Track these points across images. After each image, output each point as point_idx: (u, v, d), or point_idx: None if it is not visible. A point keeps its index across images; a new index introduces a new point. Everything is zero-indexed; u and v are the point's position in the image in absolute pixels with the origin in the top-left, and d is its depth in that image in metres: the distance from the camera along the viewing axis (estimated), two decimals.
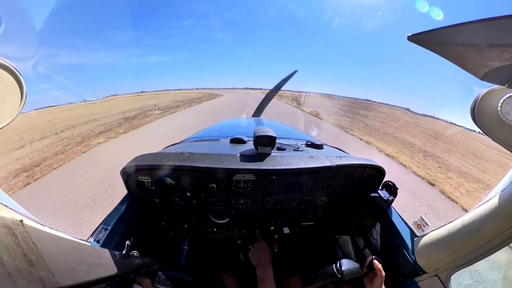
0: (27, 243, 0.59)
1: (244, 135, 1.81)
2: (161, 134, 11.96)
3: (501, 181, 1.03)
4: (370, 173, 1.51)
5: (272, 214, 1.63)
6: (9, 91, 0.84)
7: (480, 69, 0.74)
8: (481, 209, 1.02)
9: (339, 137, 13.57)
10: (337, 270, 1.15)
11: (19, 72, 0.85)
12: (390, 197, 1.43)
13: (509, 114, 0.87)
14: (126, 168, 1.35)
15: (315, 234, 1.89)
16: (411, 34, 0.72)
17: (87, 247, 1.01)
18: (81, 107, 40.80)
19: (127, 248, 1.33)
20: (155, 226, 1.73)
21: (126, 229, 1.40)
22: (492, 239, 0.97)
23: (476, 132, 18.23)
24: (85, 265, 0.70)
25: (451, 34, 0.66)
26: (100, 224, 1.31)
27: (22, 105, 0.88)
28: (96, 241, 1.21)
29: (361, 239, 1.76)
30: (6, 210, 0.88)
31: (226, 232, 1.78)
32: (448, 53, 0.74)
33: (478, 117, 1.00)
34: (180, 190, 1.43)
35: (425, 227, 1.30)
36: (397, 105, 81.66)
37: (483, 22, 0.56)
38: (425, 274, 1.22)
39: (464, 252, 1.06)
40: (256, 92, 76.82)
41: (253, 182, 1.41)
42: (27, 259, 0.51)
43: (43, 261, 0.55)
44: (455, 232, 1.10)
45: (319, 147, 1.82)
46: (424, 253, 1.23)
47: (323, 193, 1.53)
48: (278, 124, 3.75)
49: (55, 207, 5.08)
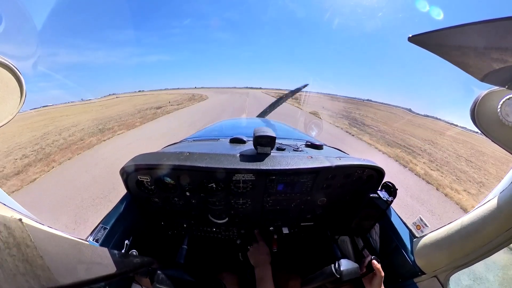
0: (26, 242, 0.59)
1: (243, 135, 1.81)
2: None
3: (500, 182, 1.03)
4: (369, 173, 1.51)
5: (271, 214, 1.63)
6: (8, 89, 0.84)
7: (480, 70, 0.74)
8: (480, 210, 1.02)
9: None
10: (336, 270, 1.15)
11: (19, 70, 0.85)
12: (389, 198, 1.43)
13: (509, 116, 0.87)
14: (125, 167, 1.35)
15: (314, 235, 1.89)
16: (412, 35, 0.72)
17: (86, 246, 1.01)
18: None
19: (126, 247, 1.33)
20: (155, 225, 1.73)
21: (126, 229, 1.40)
22: (491, 240, 0.97)
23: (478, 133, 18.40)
24: (84, 264, 0.70)
25: (452, 35, 0.66)
26: (99, 223, 1.31)
27: (21, 104, 0.88)
28: (95, 240, 1.21)
29: (360, 240, 1.76)
30: (5, 208, 0.88)
31: (226, 232, 1.78)
32: (448, 54, 0.74)
33: (477, 118, 1.00)
34: (179, 189, 1.43)
35: (424, 228, 1.31)
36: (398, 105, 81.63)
37: (483, 24, 0.56)
38: (424, 275, 1.22)
39: (463, 253, 1.06)
40: (256, 92, 73.07)
41: (252, 182, 1.41)
42: (26, 258, 0.51)
43: (42, 260, 0.54)
44: (454, 233, 1.10)
45: (319, 147, 1.82)
46: (423, 254, 1.24)
47: (322, 193, 1.53)
48: (278, 124, 3.75)
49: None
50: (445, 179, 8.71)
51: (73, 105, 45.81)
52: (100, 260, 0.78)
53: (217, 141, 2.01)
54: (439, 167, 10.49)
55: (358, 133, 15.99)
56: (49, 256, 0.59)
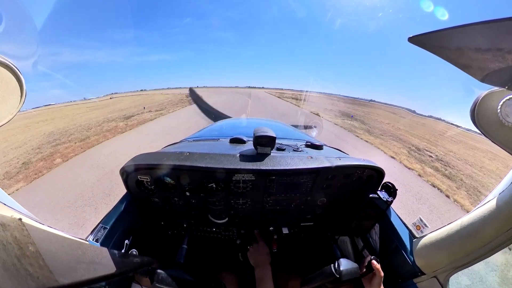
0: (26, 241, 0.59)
1: (244, 135, 1.81)
2: None
3: (500, 183, 1.03)
4: (369, 174, 1.51)
5: (271, 214, 1.63)
6: (9, 89, 0.84)
7: (480, 71, 0.74)
8: (480, 211, 1.02)
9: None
10: (335, 270, 1.15)
11: (19, 70, 0.85)
12: (389, 198, 1.43)
13: (508, 116, 0.87)
14: (125, 167, 1.35)
15: (314, 235, 1.89)
16: (412, 36, 0.72)
17: (86, 246, 1.01)
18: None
19: (126, 247, 1.33)
20: (154, 225, 1.73)
21: (125, 228, 1.40)
22: (491, 241, 0.97)
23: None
24: (84, 263, 0.70)
25: (451, 36, 0.66)
26: (99, 223, 1.31)
27: (21, 103, 0.88)
28: (95, 240, 1.21)
29: (360, 240, 1.76)
30: (5, 208, 0.88)
31: (225, 232, 1.78)
32: (448, 55, 0.74)
33: (477, 119, 1.00)
34: (179, 189, 1.43)
35: (424, 229, 1.31)
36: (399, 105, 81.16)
37: (482, 25, 0.56)
38: (424, 275, 1.22)
39: (463, 253, 1.06)
40: (259, 92, 68.78)
41: (252, 182, 1.41)
42: (25, 257, 0.51)
43: (41, 259, 0.55)
44: (454, 234, 1.10)
45: (319, 147, 1.82)
46: (423, 254, 1.24)
47: (322, 193, 1.53)
48: (278, 124, 3.75)
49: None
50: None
51: (59, 108, 38.35)
52: (100, 260, 0.78)
53: (217, 141, 2.01)
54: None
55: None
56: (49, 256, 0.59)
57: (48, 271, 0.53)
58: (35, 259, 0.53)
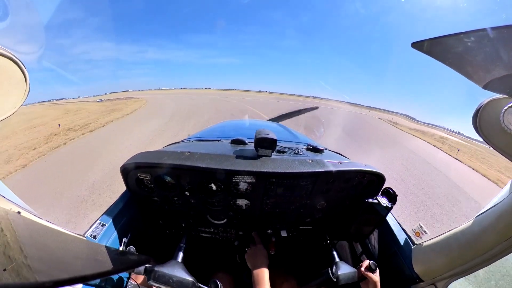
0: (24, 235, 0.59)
1: (245, 137, 1.81)
2: None
3: (500, 191, 1.02)
4: (370, 179, 1.50)
5: (270, 216, 1.63)
6: (13, 83, 0.85)
7: (483, 77, 0.74)
8: (480, 219, 1.02)
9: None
10: (333, 274, 1.14)
11: (23, 64, 0.85)
12: (389, 204, 1.42)
13: (511, 124, 0.86)
14: (126, 165, 1.35)
15: (312, 238, 1.88)
16: (415, 41, 0.72)
17: (83, 241, 1.01)
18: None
19: (124, 244, 1.33)
20: (153, 224, 1.73)
21: (124, 226, 1.40)
22: (490, 249, 0.96)
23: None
24: (81, 259, 0.70)
25: (454, 42, 0.66)
26: (97, 220, 1.31)
27: (25, 97, 0.89)
28: (93, 237, 1.21)
29: (359, 245, 1.75)
30: (4, 201, 0.88)
31: (224, 233, 1.77)
32: (451, 61, 0.74)
33: (480, 126, 1.00)
34: (179, 189, 1.43)
35: (424, 235, 1.30)
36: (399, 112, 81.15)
37: (487, 31, 0.56)
38: (422, 283, 1.21)
39: (462, 261, 1.05)
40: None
41: (252, 184, 1.40)
42: (22, 250, 0.51)
43: (38, 253, 0.54)
44: (453, 241, 1.09)
45: (320, 151, 1.82)
46: (422, 261, 1.23)
47: (322, 197, 1.52)
48: (279, 127, 3.75)
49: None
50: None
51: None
52: (97, 256, 0.78)
53: (218, 141, 2.01)
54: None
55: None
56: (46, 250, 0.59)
57: (45, 266, 0.53)
58: (32, 253, 0.53)
